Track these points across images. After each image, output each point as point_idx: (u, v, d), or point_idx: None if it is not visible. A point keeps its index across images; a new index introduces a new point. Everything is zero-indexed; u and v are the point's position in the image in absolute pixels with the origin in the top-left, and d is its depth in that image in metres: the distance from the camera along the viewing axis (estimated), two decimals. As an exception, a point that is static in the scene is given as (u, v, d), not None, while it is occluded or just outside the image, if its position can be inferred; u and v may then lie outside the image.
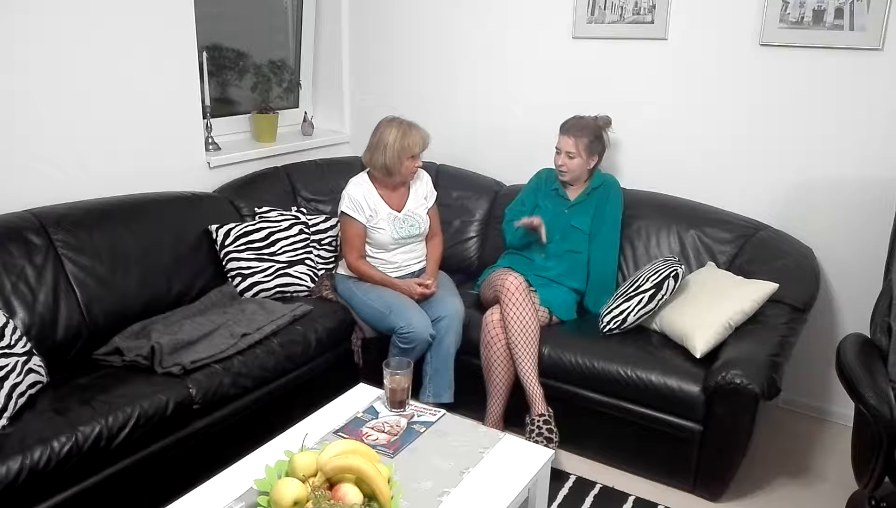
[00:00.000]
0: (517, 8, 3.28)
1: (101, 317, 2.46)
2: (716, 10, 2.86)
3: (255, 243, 2.89)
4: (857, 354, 2.04)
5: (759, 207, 2.94)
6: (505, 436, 2.00)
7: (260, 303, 2.71)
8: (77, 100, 2.65)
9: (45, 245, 2.41)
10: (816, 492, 2.52)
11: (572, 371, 2.57)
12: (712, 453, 2.39)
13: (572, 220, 2.89)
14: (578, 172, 2.87)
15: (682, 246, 2.93)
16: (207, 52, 3.25)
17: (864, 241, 2.76)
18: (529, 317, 2.60)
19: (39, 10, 2.48)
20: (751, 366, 2.23)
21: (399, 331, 2.67)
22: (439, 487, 1.76)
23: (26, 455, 1.83)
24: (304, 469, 1.60)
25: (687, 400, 2.36)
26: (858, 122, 2.70)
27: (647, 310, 2.61)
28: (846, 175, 2.76)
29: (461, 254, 3.33)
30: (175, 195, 2.91)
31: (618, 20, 3.05)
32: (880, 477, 1.91)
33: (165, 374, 2.24)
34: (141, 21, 2.78)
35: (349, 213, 2.84)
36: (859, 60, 2.64)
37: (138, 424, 2.06)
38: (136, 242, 2.63)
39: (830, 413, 2.98)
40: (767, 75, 2.81)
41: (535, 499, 1.92)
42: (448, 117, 3.57)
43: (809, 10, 2.67)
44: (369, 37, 3.73)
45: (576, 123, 2.87)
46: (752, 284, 2.54)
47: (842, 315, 2.89)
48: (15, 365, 2.03)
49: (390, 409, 2.10)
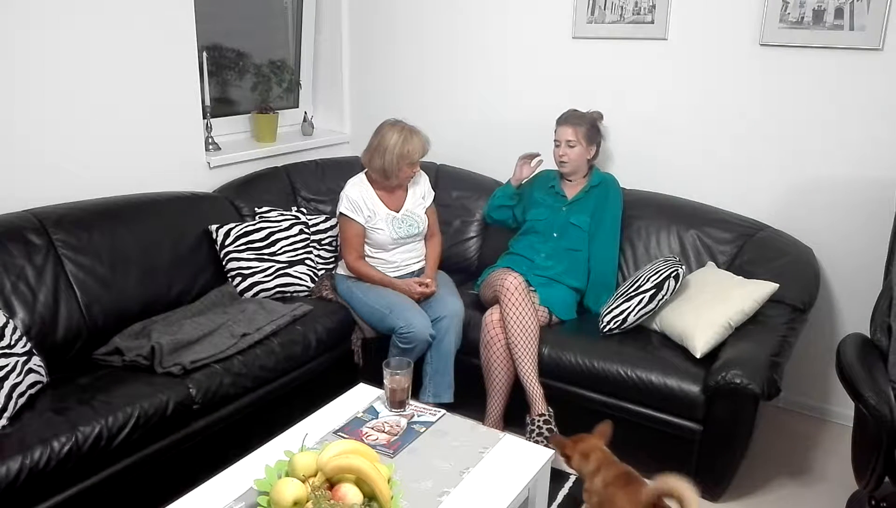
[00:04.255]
0: (517, 8, 3.28)
1: (101, 317, 2.46)
2: (716, 11, 2.86)
3: (255, 243, 2.89)
4: (857, 354, 2.05)
5: (759, 207, 2.94)
6: (505, 436, 2.00)
7: (260, 303, 2.71)
8: (77, 100, 2.65)
9: (45, 245, 2.41)
10: (816, 492, 2.52)
11: (572, 371, 2.57)
12: (712, 453, 2.39)
13: (571, 217, 2.90)
14: (579, 161, 2.88)
15: (682, 246, 2.93)
16: (207, 52, 3.25)
17: (864, 241, 2.76)
18: (529, 317, 2.60)
19: (39, 10, 2.48)
20: (751, 366, 2.23)
21: (399, 331, 2.67)
22: (439, 487, 1.76)
23: (26, 455, 1.82)
24: (304, 469, 1.60)
25: (687, 400, 2.36)
26: (858, 122, 2.70)
27: (647, 310, 2.61)
28: (846, 175, 2.77)
29: (461, 254, 3.33)
30: (175, 195, 2.91)
31: (618, 20, 3.05)
32: (880, 477, 1.91)
33: (165, 374, 2.24)
34: (141, 21, 2.78)
35: (347, 214, 2.85)
36: (859, 60, 2.64)
37: (138, 424, 2.06)
38: (136, 242, 2.63)
39: (830, 413, 2.98)
40: (767, 75, 2.82)
41: (535, 499, 1.92)
42: (448, 117, 3.57)
43: (809, 10, 2.67)
44: (369, 37, 3.73)
45: (573, 113, 2.91)
46: (752, 284, 2.54)
47: (842, 315, 2.90)
48: (15, 365, 2.03)
49: (390, 409, 2.10)
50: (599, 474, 2.00)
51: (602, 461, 2.03)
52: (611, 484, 1.95)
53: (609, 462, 2.03)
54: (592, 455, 2.04)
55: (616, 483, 1.94)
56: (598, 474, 2.00)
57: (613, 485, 1.94)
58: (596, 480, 2.00)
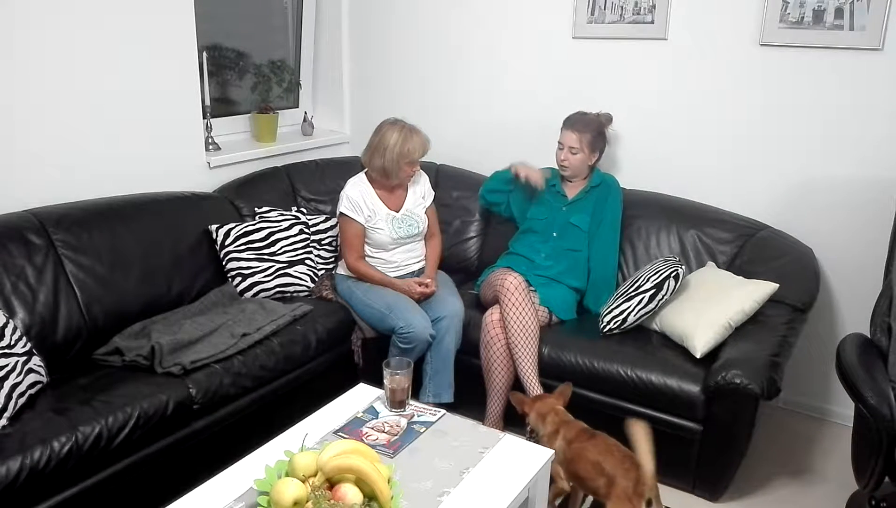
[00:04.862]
0: (517, 7, 3.28)
1: (101, 317, 2.46)
2: (716, 11, 2.86)
3: (255, 243, 2.89)
4: (858, 354, 2.04)
5: (758, 207, 2.94)
6: (505, 436, 2.00)
7: (260, 303, 2.71)
8: (77, 100, 2.65)
9: (45, 245, 2.41)
10: (816, 492, 2.52)
11: (572, 371, 2.56)
12: (712, 453, 2.39)
13: (571, 218, 2.90)
14: (580, 167, 2.88)
15: (682, 246, 2.93)
16: (207, 52, 3.25)
17: (864, 241, 2.76)
18: (529, 317, 2.60)
19: (39, 10, 2.48)
20: (751, 366, 2.23)
21: (399, 331, 2.67)
22: (439, 487, 1.76)
23: (26, 455, 1.82)
24: (304, 469, 1.60)
25: (687, 400, 2.36)
26: (858, 122, 2.70)
27: (647, 310, 2.61)
28: (846, 175, 2.76)
29: (461, 254, 3.33)
30: (175, 195, 2.91)
31: (618, 20, 3.05)
32: (880, 477, 1.91)
33: (165, 374, 2.24)
34: (141, 21, 2.78)
35: (348, 213, 2.85)
36: (859, 60, 2.64)
37: (138, 424, 2.06)
38: (136, 242, 2.63)
39: (830, 413, 2.98)
40: (767, 75, 2.81)
41: (535, 499, 1.92)
42: (448, 117, 3.57)
43: (809, 10, 2.67)
44: (369, 37, 3.73)
45: (580, 118, 2.88)
46: (752, 284, 2.54)
47: (842, 315, 2.90)
48: (15, 365, 2.03)
49: (390, 409, 2.09)
50: (559, 434, 2.11)
51: (559, 422, 2.15)
52: (575, 440, 2.07)
53: (566, 421, 2.15)
54: (549, 418, 2.17)
55: (580, 438, 2.07)
56: (558, 434, 2.11)
57: (578, 440, 2.06)
58: (558, 441, 2.10)
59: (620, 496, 1.88)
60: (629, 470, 1.91)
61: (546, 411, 2.18)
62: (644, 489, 1.86)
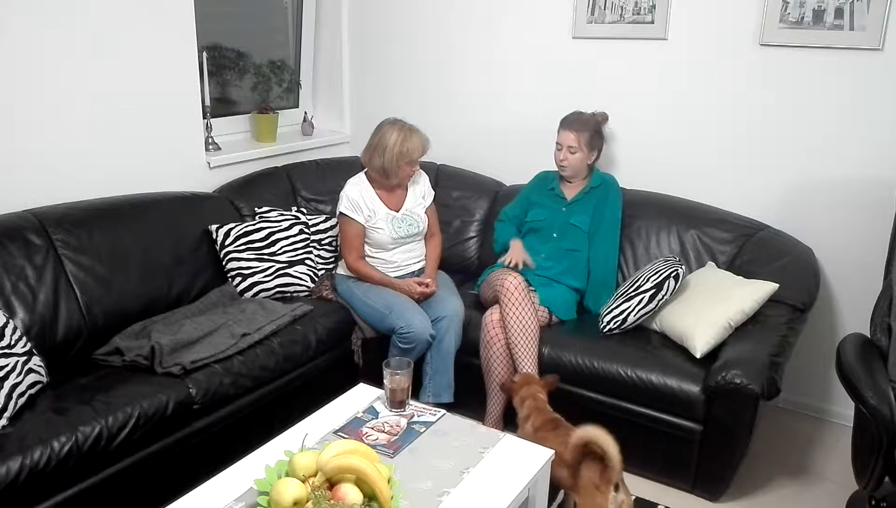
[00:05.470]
0: (517, 7, 3.28)
1: (101, 317, 2.46)
2: (716, 11, 2.86)
3: (255, 243, 2.89)
4: (858, 354, 2.04)
5: (758, 207, 2.94)
6: (505, 436, 2.00)
7: (260, 303, 2.71)
8: (77, 100, 2.65)
9: (45, 245, 2.41)
10: (816, 492, 2.52)
11: (572, 371, 2.57)
12: (712, 453, 2.39)
13: (571, 218, 2.90)
14: (579, 166, 2.88)
15: (682, 246, 2.93)
16: (207, 52, 3.25)
17: (864, 241, 2.76)
18: (529, 317, 2.60)
19: (39, 10, 2.48)
20: (751, 366, 2.23)
21: (399, 331, 2.67)
22: (439, 487, 1.76)
23: (26, 455, 1.83)
24: (304, 469, 1.60)
25: (687, 400, 2.36)
26: (858, 122, 2.70)
27: (647, 310, 2.61)
28: (846, 175, 2.76)
29: (461, 254, 3.33)
30: (175, 195, 2.91)
31: (618, 20, 3.05)
32: (880, 477, 1.91)
33: (165, 374, 2.24)
34: (141, 21, 2.78)
35: (347, 213, 2.85)
36: (859, 60, 2.64)
37: (138, 424, 2.06)
38: (136, 242, 2.63)
39: (830, 413, 2.98)
40: (767, 75, 2.81)
41: (535, 499, 1.92)
42: (448, 117, 3.57)
43: (809, 10, 2.67)
44: (369, 37, 3.73)
45: (577, 118, 2.88)
46: (752, 284, 2.54)
47: (842, 315, 2.90)
48: (15, 365, 2.03)
49: (390, 409, 2.09)
50: (530, 420, 2.18)
51: (533, 408, 2.22)
52: (540, 429, 2.13)
53: (539, 409, 2.22)
54: (527, 403, 2.25)
55: (545, 428, 2.12)
56: (529, 420, 2.19)
57: (543, 430, 2.12)
58: (527, 426, 2.17)
59: (587, 486, 1.89)
60: (592, 460, 1.90)
61: (527, 396, 2.28)
62: (613, 474, 1.84)
